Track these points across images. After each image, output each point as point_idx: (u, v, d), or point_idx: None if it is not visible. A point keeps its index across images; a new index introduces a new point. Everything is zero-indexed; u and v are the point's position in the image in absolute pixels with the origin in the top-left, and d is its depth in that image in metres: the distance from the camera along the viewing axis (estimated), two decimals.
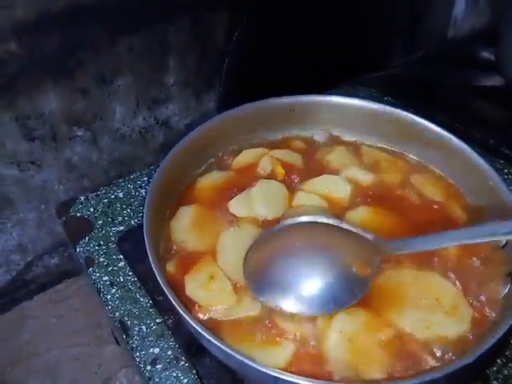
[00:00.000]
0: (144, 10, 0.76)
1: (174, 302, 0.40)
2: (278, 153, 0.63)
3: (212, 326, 0.45)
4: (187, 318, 0.39)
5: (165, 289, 0.41)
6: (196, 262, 0.51)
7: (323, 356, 0.43)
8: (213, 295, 0.48)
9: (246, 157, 0.63)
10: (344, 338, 0.43)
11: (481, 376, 0.48)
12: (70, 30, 0.71)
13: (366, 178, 0.59)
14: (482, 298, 0.46)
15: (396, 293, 0.46)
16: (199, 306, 0.47)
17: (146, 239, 0.46)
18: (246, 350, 0.42)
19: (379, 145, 0.65)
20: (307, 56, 0.89)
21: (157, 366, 0.49)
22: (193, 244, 0.53)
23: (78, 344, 0.89)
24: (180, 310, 0.40)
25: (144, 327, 0.53)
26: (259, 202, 0.55)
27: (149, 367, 0.49)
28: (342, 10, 0.92)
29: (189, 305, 0.47)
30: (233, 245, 0.52)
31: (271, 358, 0.42)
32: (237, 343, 0.43)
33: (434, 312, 0.45)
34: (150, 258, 0.44)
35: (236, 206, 0.56)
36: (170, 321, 0.53)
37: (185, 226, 0.54)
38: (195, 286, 0.49)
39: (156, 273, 0.42)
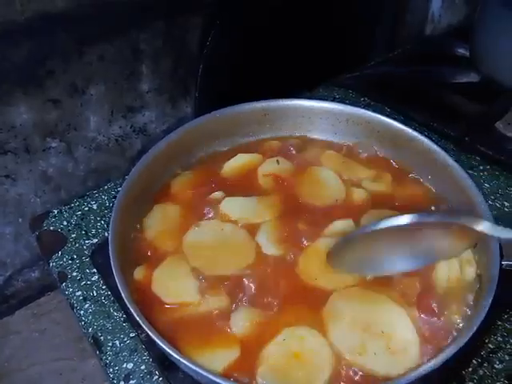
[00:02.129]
0: (114, 17, 0.75)
1: (138, 319, 0.40)
2: (269, 166, 0.62)
3: (175, 328, 0.45)
4: (153, 336, 0.39)
5: (130, 307, 0.41)
6: (164, 260, 0.51)
7: (261, 363, 0.43)
8: (176, 291, 0.48)
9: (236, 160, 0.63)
10: (286, 349, 0.43)
11: (456, 377, 0.48)
12: (38, 40, 0.70)
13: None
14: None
15: (347, 313, 0.46)
16: (164, 306, 0.47)
17: (111, 257, 0.45)
18: (201, 354, 0.43)
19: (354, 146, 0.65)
20: (282, 58, 0.89)
21: (130, 382, 0.48)
22: (164, 243, 0.53)
23: (61, 358, 0.87)
24: (145, 327, 0.39)
25: (117, 342, 0.52)
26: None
27: (122, 383, 0.48)
28: (317, 11, 0.92)
29: (156, 305, 0.47)
30: (198, 243, 0.52)
31: (216, 361, 0.42)
32: (195, 345, 0.44)
33: (375, 344, 0.43)
34: (115, 275, 0.43)
35: (229, 206, 0.56)
36: (144, 334, 0.52)
37: (155, 227, 0.55)
38: (160, 282, 0.49)
39: (122, 291, 0.41)
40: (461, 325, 0.44)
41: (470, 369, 0.48)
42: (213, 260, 0.51)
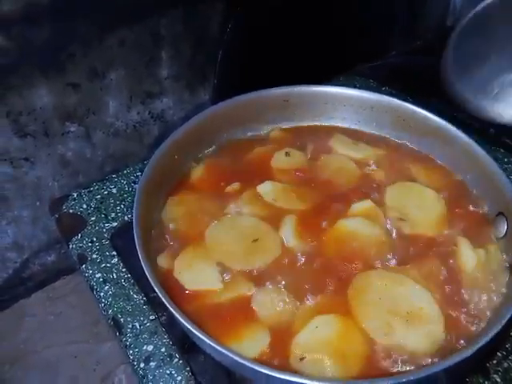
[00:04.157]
0: (135, 2, 0.75)
1: (162, 297, 0.39)
2: (280, 158, 0.62)
3: (198, 315, 0.45)
4: (178, 316, 0.38)
5: (153, 285, 0.40)
6: (186, 247, 0.51)
7: (294, 349, 0.43)
8: (199, 278, 0.48)
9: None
10: (319, 336, 0.43)
11: (480, 369, 0.47)
12: (59, 24, 0.70)
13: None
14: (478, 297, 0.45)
15: (372, 296, 0.46)
16: (187, 293, 0.47)
17: (135, 235, 0.45)
18: (228, 340, 0.42)
19: (377, 134, 0.64)
20: (303, 46, 0.88)
21: (150, 364, 0.48)
22: (183, 231, 0.53)
23: (77, 341, 0.88)
24: (169, 306, 0.39)
25: (137, 324, 0.52)
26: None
27: (142, 365, 0.49)
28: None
29: (178, 292, 0.47)
30: (220, 237, 0.52)
31: (246, 348, 0.42)
32: (220, 332, 0.43)
33: (401, 325, 0.43)
34: (140, 254, 0.43)
35: (266, 189, 0.56)
36: (164, 317, 0.52)
37: (175, 214, 0.55)
38: (183, 269, 0.49)
39: (145, 269, 0.41)
40: (488, 314, 0.43)
41: (495, 361, 0.48)
42: (237, 254, 0.50)
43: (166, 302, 0.39)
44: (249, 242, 0.51)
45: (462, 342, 0.43)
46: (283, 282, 0.47)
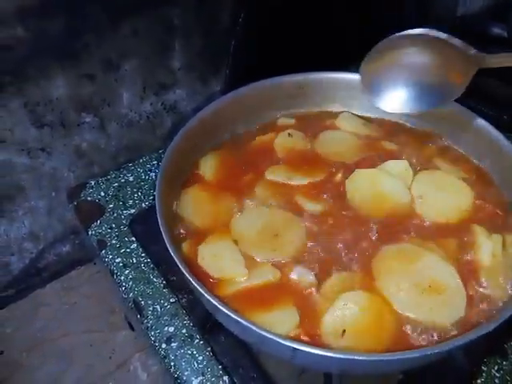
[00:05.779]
0: None
1: (188, 276, 0.40)
2: (282, 139, 0.62)
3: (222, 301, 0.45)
4: (203, 292, 0.39)
5: (178, 262, 0.41)
6: (207, 236, 0.51)
7: (324, 326, 0.43)
8: (224, 266, 0.48)
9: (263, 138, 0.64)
10: (348, 312, 0.43)
11: (498, 350, 0.47)
12: (74, 14, 0.71)
13: None
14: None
15: (395, 270, 0.47)
16: (211, 281, 0.47)
17: (158, 215, 0.45)
18: (256, 320, 0.42)
19: (390, 120, 0.64)
20: (315, 36, 0.88)
21: (172, 344, 0.49)
22: (201, 222, 0.53)
23: (92, 330, 0.89)
24: (195, 284, 0.40)
25: (158, 307, 0.53)
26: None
27: (164, 345, 0.49)
28: None
29: (202, 279, 0.46)
30: (247, 229, 0.52)
31: (276, 327, 0.42)
32: (247, 314, 0.43)
33: (423, 298, 0.44)
34: (163, 234, 0.43)
35: (273, 173, 0.58)
36: (184, 300, 0.53)
37: (190, 205, 0.55)
38: (207, 257, 0.49)
39: (169, 247, 0.42)
40: (509, 292, 0.44)
41: None
42: (264, 244, 0.51)
43: (192, 281, 0.40)
44: (269, 230, 0.52)
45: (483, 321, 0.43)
46: (307, 264, 0.48)
